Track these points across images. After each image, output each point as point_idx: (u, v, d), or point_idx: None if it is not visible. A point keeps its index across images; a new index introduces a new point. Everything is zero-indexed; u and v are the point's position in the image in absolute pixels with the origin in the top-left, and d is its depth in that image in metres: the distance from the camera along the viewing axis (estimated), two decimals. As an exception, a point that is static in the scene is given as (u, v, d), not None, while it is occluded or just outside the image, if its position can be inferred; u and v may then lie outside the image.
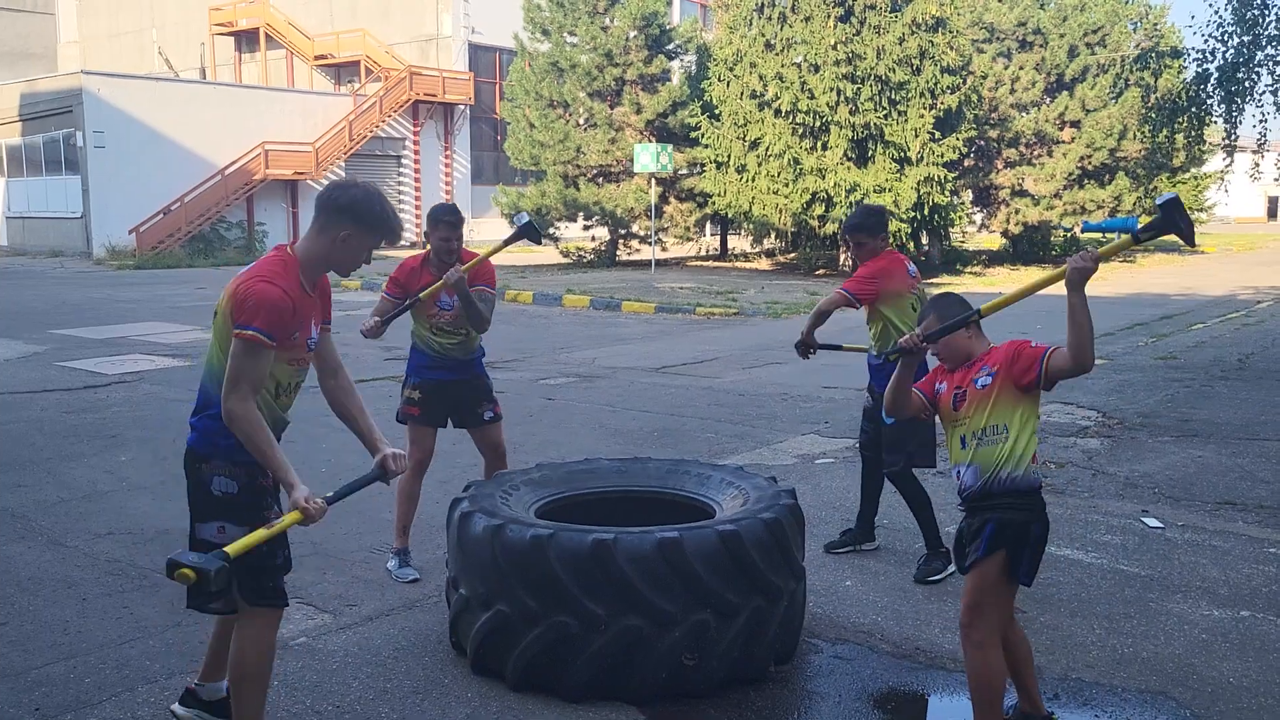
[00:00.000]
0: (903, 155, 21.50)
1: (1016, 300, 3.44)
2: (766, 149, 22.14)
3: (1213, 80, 12.85)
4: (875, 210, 5.22)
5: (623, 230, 26.37)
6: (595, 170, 25.63)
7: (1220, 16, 12.73)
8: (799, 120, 21.65)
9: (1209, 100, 13.11)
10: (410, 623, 4.35)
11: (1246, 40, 12.42)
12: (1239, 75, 12.54)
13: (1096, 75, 27.00)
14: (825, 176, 21.51)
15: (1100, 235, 34.65)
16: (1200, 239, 41.40)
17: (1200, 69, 13.06)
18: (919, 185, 21.37)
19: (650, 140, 24.44)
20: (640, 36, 24.98)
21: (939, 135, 21.70)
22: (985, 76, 25.20)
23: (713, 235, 31.95)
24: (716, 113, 23.40)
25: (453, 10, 34.29)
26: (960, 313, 3.36)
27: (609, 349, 12.64)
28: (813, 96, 21.30)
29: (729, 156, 22.95)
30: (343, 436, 7.64)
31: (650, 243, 25.46)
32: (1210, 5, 18.03)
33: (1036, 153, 27.15)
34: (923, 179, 21.39)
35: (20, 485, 6.43)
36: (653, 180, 23.84)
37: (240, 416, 2.91)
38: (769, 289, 20.21)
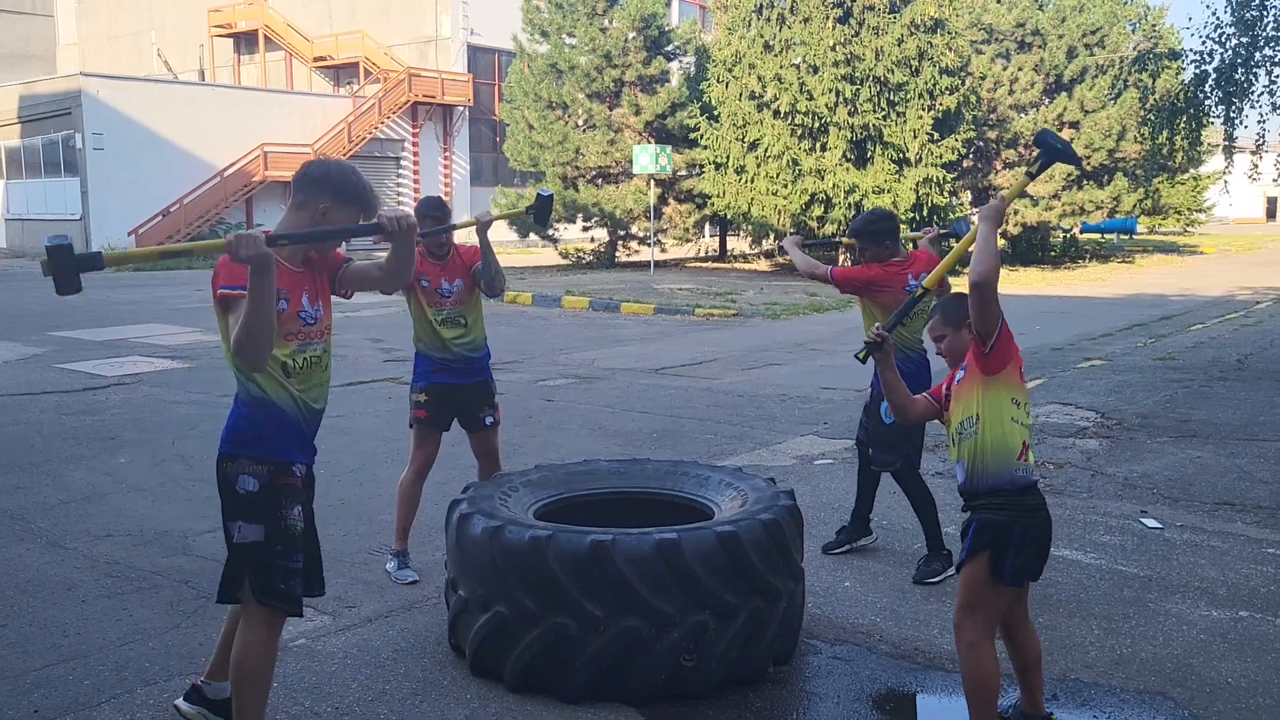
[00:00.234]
0: (901, 156, 21.50)
1: (952, 263, 3.61)
2: (765, 150, 22.14)
3: (1210, 81, 12.87)
4: (878, 218, 5.07)
5: (622, 231, 26.37)
6: (594, 171, 25.64)
7: (1218, 18, 12.76)
8: (798, 121, 21.66)
9: (1207, 101, 13.12)
10: (409, 624, 4.36)
11: (1244, 41, 12.43)
12: (1236, 76, 12.55)
13: (1095, 76, 26.99)
14: (824, 177, 21.51)
15: (1100, 236, 34.77)
16: (1199, 239, 41.50)
17: (1198, 70, 13.08)
18: (918, 186, 21.38)
19: (649, 141, 24.45)
20: (639, 38, 24.98)
21: (938, 136, 21.71)
22: (984, 77, 25.20)
23: (712, 236, 31.97)
24: (715, 114, 23.40)
25: (451, 12, 34.31)
26: (960, 313, 3.37)
27: (608, 350, 12.65)
28: (811, 97, 21.31)
29: (728, 158, 22.96)
30: (342, 439, 7.69)
31: (649, 244, 25.47)
32: (1207, 7, 18.08)
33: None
34: (921, 180, 21.40)
35: (19, 487, 6.44)
36: (652, 181, 23.84)
37: (244, 347, 2.85)
38: (768, 290, 20.21)
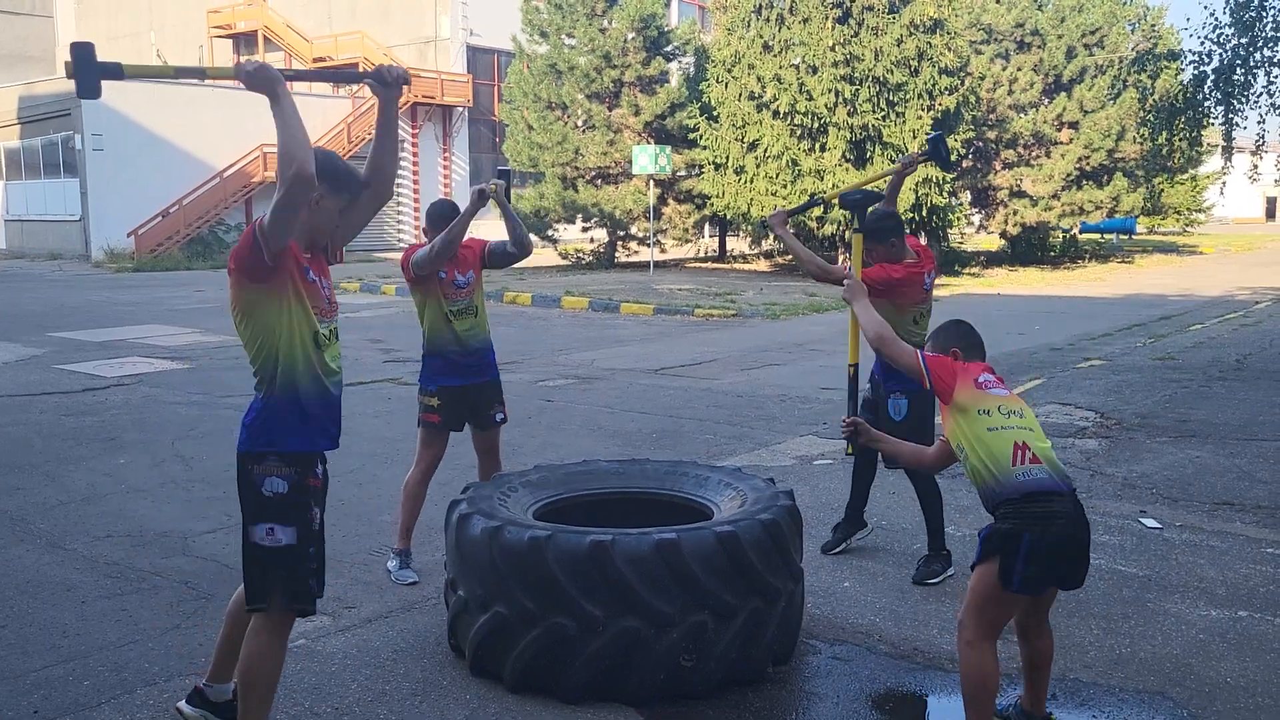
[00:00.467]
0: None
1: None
2: (765, 150, 22.14)
3: (1209, 82, 12.88)
4: (883, 216, 5.05)
5: (621, 232, 26.37)
6: (594, 172, 25.64)
7: (1216, 19, 12.77)
8: (797, 122, 21.66)
9: (1206, 102, 13.13)
10: (409, 625, 4.36)
11: (1243, 42, 12.44)
12: (1235, 77, 12.56)
13: (1094, 76, 27.00)
14: (823, 178, 21.50)
15: (1099, 236, 34.80)
16: (1198, 239, 41.52)
17: (1197, 71, 13.09)
18: (917, 186, 21.37)
19: (648, 142, 24.45)
20: (638, 38, 24.98)
21: (937, 136, 21.69)
22: (983, 78, 25.20)
23: (711, 237, 31.97)
24: (715, 114, 23.40)
25: (451, 12, 34.30)
26: (961, 338, 3.53)
27: (607, 350, 12.65)
28: (811, 98, 21.31)
29: (727, 158, 22.95)
30: (342, 440, 7.65)
31: (649, 244, 25.47)
32: (1205, 7, 18.13)
33: (1035, 154, 27.15)
34: (921, 180, 21.39)
35: (19, 488, 6.44)
36: (651, 182, 23.84)
37: (294, 152, 2.85)
38: (767, 290, 20.21)
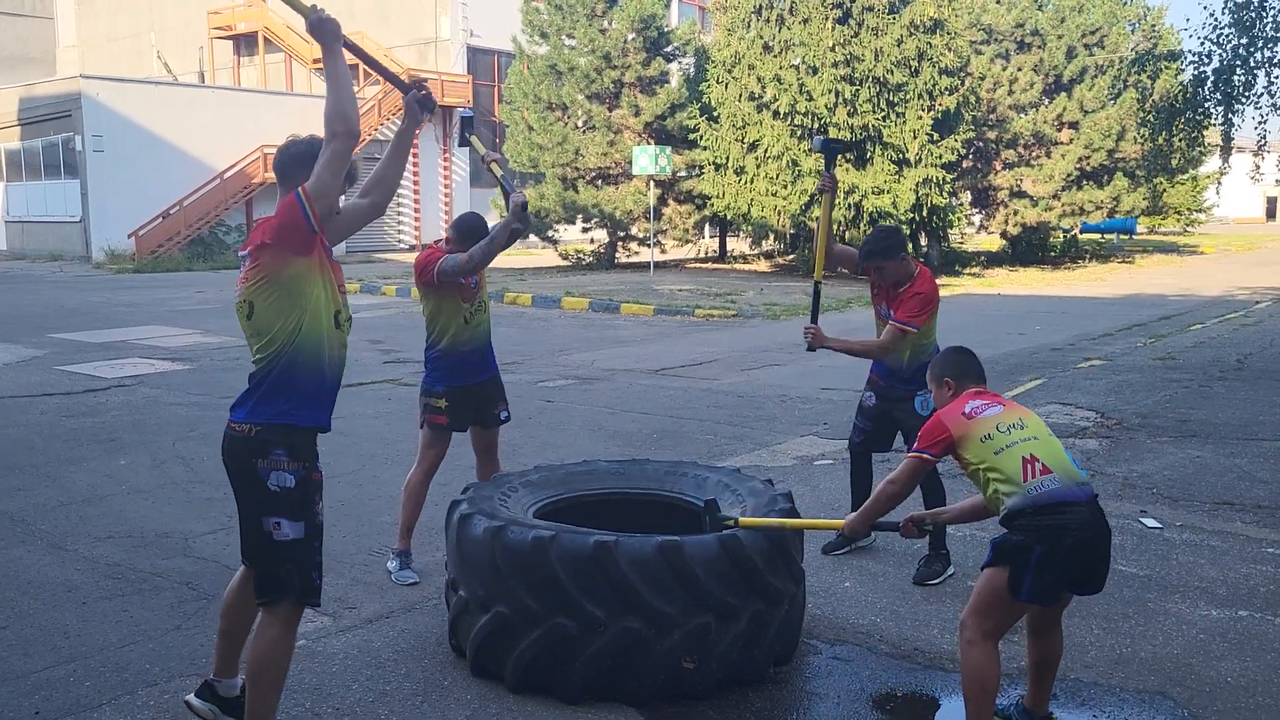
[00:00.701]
0: (901, 157, 21.50)
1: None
2: (765, 151, 22.14)
3: (1209, 83, 12.87)
4: (890, 233, 5.02)
5: (621, 232, 26.36)
6: (594, 172, 25.63)
7: (1216, 19, 12.76)
8: (797, 122, 21.66)
9: (1206, 103, 13.12)
10: (410, 625, 4.36)
11: (1243, 42, 12.44)
12: (1235, 78, 12.56)
13: (1095, 76, 27.00)
14: (823, 178, 21.48)
15: (1099, 236, 34.78)
16: (1199, 239, 41.52)
17: (1197, 71, 13.09)
18: (917, 187, 21.38)
19: (649, 142, 24.44)
20: (638, 39, 24.98)
21: (937, 137, 21.71)
22: (983, 78, 25.21)
23: (711, 237, 31.95)
24: (715, 115, 23.40)
25: (451, 13, 34.30)
26: (951, 368, 3.66)
27: (608, 351, 12.65)
28: (811, 98, 21.31)
29: (727, 158, 22.96)
30: (342, 440, 7.68)
31: (649, 245, 25.47)
32: (1205, 8, 18.12)
33: (1035, 154, 27.15)
34: (921, 180, 21.40)
35: (20, 489, 6.44)
36: (651, 182, 23.83)
37: (343, 109, 3.12)
38: (768, 291, 20.21)
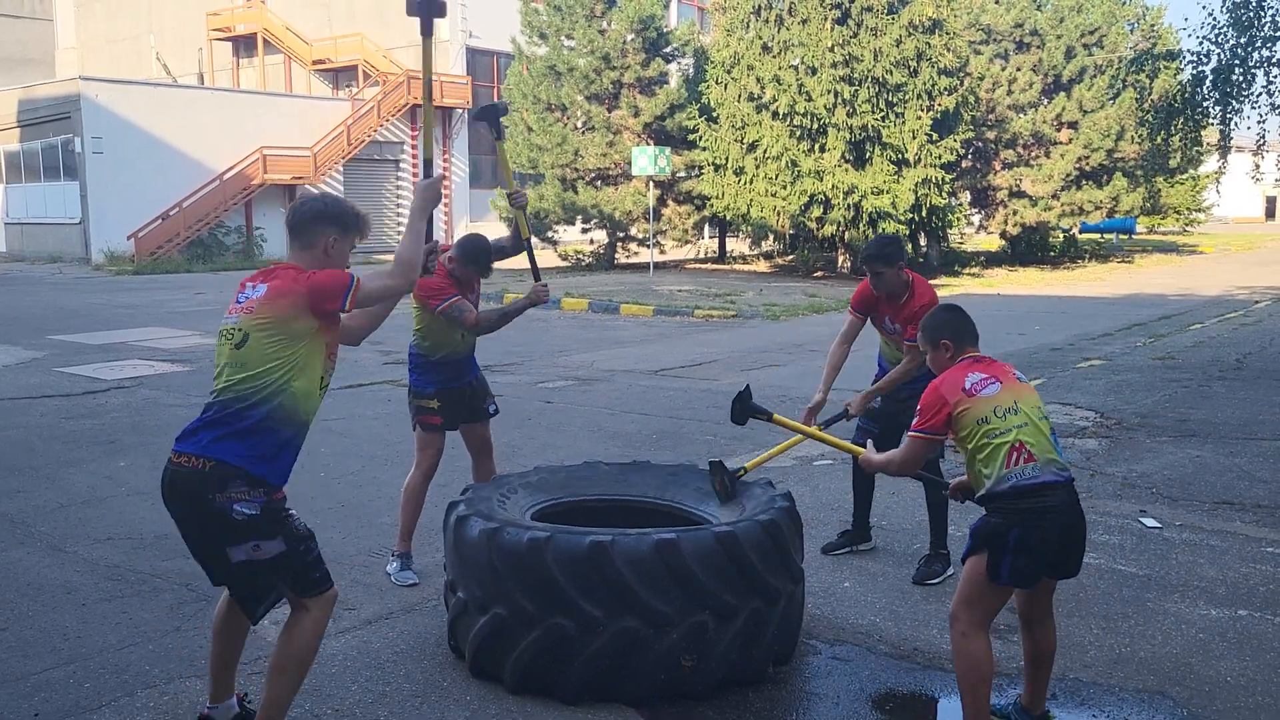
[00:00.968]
0: (900, 157, 21.51)
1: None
2: (764, 151, 22.14)
3: (1208, 82, 12.88)
4: (891, 239, 5.12)
5: (621, 233, 26.37)
6: (593, 173, 25.64)
7: (1215, 19, 12.76)
8: (796, 123, 21.66)
9: (1205, 102, 13.13)
10: (409, 626, 4.36)
11: (1241, 42, 12.44)
12: (1234, 77, 12.56)
13: (1094, 76, 27.00)
14: (823, 178, 21.52)
15: (1099, 236, 34.78)
16: (1198, 239, 41.51)
17: (1196, 71, 13.09)
18: (917, 187, 21.38)
19: (648, 143, 24.45)
20: (637, 40, 24.98)
21: (936, 137, 21.72)
22: (982, 78, 25.22)
23: (711, 238, 31.95)
24: (714, 115, 23.40)
25: (450, 14, 34.31)
26: (949, 328, 3.67)
27: (607, 352, 12.65)
28: (810, 99, 21.32)
29: (727, 159, 22.96)
30: (342, 441, 7.69)
31: (648, 245, 25.48)
32: (1204, 8, 18.13)
33: (1034, 154, 27.16)
34: (920, 180, 21.41)
35: (19, 491, 6.44)
36: (651, 183, 23.84)
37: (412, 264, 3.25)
38: (767, 291, 20.21)
